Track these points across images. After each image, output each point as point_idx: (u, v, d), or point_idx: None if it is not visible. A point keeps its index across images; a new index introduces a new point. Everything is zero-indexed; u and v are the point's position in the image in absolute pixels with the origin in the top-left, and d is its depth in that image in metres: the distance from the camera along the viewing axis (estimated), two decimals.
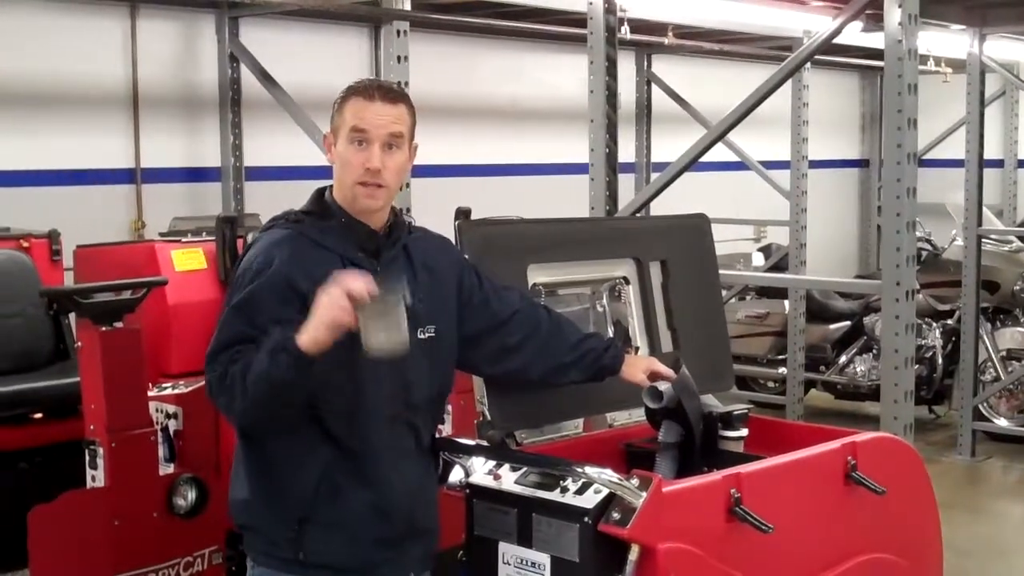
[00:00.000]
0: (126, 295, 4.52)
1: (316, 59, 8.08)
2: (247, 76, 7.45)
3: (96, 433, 4.25)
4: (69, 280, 5.51)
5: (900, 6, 4.89)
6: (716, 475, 3.08)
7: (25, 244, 5.38)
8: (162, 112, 7.42)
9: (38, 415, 4.81)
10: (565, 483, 2.98)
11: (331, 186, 3.15)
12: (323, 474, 2.99)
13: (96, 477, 4.27)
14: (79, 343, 4.37)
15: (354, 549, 3.01)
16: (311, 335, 2.79)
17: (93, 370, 4.28)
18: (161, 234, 6.04)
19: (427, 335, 3.12)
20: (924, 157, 9.68)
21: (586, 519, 2.89)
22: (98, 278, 4.91)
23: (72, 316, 4.84)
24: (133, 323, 4.46)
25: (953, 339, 8.71)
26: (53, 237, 5.49)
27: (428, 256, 3.21)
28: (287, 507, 3.01)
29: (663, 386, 3.34)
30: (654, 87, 10.38)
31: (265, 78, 7.09)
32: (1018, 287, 8.77)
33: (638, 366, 3.44)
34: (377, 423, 3.02)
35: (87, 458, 4.28)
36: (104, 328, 4.28)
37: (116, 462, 4.22)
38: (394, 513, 3.03)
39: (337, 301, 2.76)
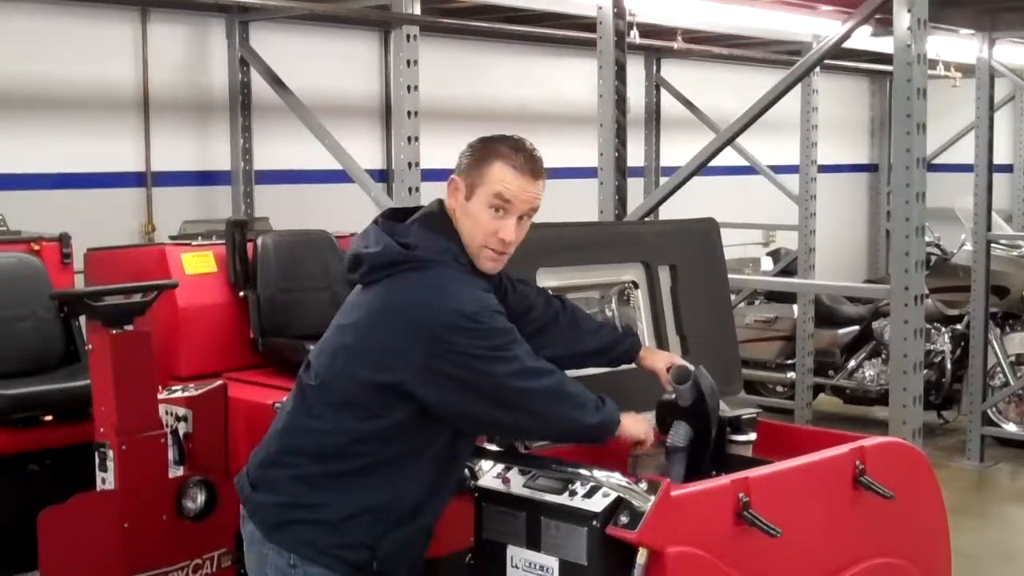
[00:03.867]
0: (136, 298, 4.54)
1: (326, 63, 8.11)
2: (257, 80, 7.47)
3: (106, 436, 4.27)
4: (79, 283, 5.53)
5: (909, 11, 4.89)
6: (724, 479, 3.09)
7: (36, 247, 5.39)
8: (172, 116, 7.43)
9: (48, 418, 4.82)
10: (574, 487, 2.98)
11: (440, 221, 3.10)
12: (425, 493, 3.03)
13: (106, 479, 4.29)
14: (89, 346, 4.39)
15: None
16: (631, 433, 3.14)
17: (103, 373, 4.30)
18: (171, 237, 6.07)
19: None
20: (933, 162, 9.67)
21: (594, 523, 2.89)
22: (108, 281, 4.94)
23: (83, 319, 4.86)
24: (143, 326, 4.48)
25: (962, 344, 8.69)
26: (64, 240, 5.50)
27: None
28: (386, 516, 2.99)
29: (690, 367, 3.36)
30: (663, 91, 10.39)
31: (275, 82, 7.11)
32: None
33: (658, 356, 3.50)
34: (457, 468, 3.15)
35: (97, 460, 4.31)
36: (114, 331, 4.30)
37: (126, 465, 4.24)
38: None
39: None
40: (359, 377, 2.94)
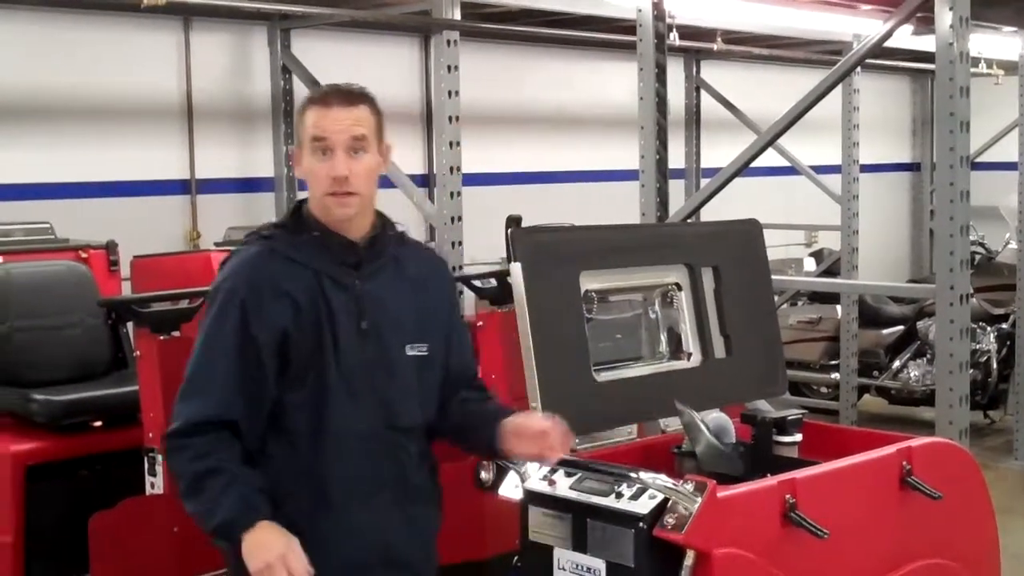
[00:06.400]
0: (183, 304, 4.57)
1: (367, 69, 8.11)
2: (299, 87, 7.52)
3: (155, 441, 4.30)
4: (126, 290, 5.58)
5: (951, 9, 4.87)
6: (771, 480, 3.09)
7: (84, 255, 5.44)
8: (216, 123, 7.50)
9: (98, 423, 4.85)
10: (620, 488, 2.98)
11: (292, 208, 3.08)
12: (295, 495, 2.91)
13: (155, 484, 4.33)
14: (137, 352, 4.42)
15: (323, 572, 2.86)
16: (251, 557, 2.74)
17: (151, 379, 4.33)
18: (216, 244, 6.13)
19: (418, 352, 3.01)
20: (977, 160, 9.58)
21: (641, 524, 2.90)
22: (155, 288, 4.98)
23: (130, 325, 4.90)
24: (190, 332, 4.51)
25: (1008, 343, 8.62)
26: (111, 248, 5.55)
27: (422, 272, 3.11)
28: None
29: None
30: (703, 93, 10.37)
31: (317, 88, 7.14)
32: None
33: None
34: (347, 444, 2.92)
35: (146, 465, 4.34)
36: (162, 337, 4.33)
37: None
38: (360, 541, 2.94)
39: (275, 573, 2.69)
40: None
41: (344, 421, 2.91)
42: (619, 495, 2.97)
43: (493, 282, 5.34)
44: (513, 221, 6.09)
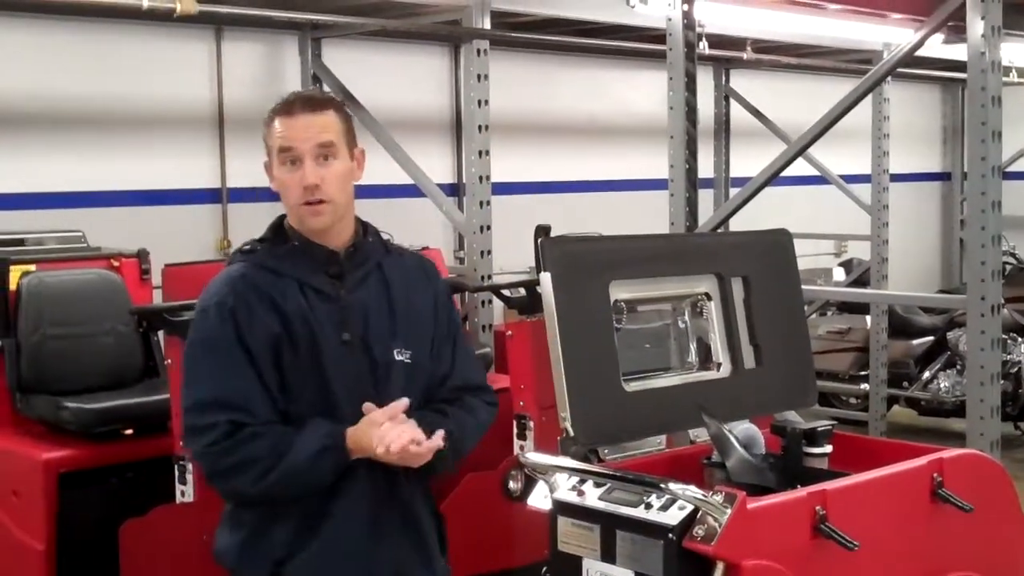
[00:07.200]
0: None
1: (397, 78, 8.17)
2: None
3: (185, 449, 4.32)
4: (158, 298, 5.61)
5: (983, 18, 4.85)
6: (801, 492, 3.08)
7: (115, 263, 5.47)
8: (247, 132, 7.51)
9: (129, 431, 4.89)
10: (649, 499, 2.97)
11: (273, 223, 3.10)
12: (302, 514, 2.95)
13: (185, 492, 4.34)
14: (168, 360, 4.44)
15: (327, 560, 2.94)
16: (362, 449, 2.83)
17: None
18: None
19: (405, 358, 3.02)
20: (1008, 170, 9.54)
21: (671, 535, 2.88)
22: (186, 296, 4.98)
23: (161, 334, 4.93)
24: None
25: None
26: (142, 256, 5.58)
27: (408, 279, 3.11)
28: (266, 550, 2.97)
29: None
30: (733, 102, 10.35)
31: (347, 97, 7.18)
32: None
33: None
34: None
35: (176, 473, 4.36)
36: None
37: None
38: (357, 556, 2.98)
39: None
40: None
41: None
42: (648, 506, 2.96)
43: (522, 291, 5.34)
44: (542, 230, 6.08)
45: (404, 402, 2.91)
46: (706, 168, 9.66)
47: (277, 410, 2.93)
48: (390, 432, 2.82)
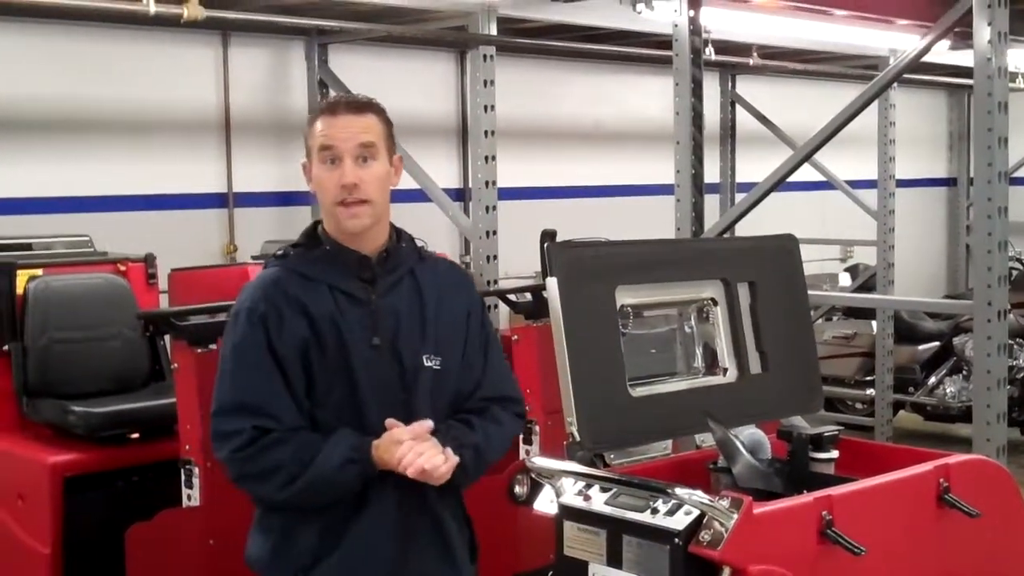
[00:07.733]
0: (220, 318, 4.59)
1: (404, 84, 8.18)
2: None
3: (191, 453, 4.33)
4: (164, 303, 5.62)
5: (989, 24, 4.85)
6: (807, 497, 3.07)
7: (122, 268, 5.48)
8: (253, 137, 7.55)
9: (135, 435, 4.90)
10: (655, 504, 2.97)
11: (308, 228, 3.12)
12: (329, 520, 2.95)
13: (192, 496, 4.35)
14: (175, 365, 4.45)
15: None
16: (385, 464, 2.84)
17: (188, 391, 4.36)
18: (253, 257, 6.16)
19: (434, 365, 3.02)
20: (1014, 175, 9.53)
21: (677, 540, 2.88)
22: (192, 301, 5.01)
23: (168, 338, 4.93)
24: None
25: None
26: (149, 261, 5.59)
27: (441, 287, 3.10)
28: (294, 556, 2.97)
29: None
30: (739, 107, 10.35)
31: None
32: None
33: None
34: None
35: (183, 477, 4.36)
36: (199, 350, 4.35)
37: (211, 481, 4.28)
38: (382, 563, 2.98)
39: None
40: None
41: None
42: (654, 511, 2.96)
43: (528, 296, 5.35)
44: (548, 235, 6.09)
45: (428, 424, 2.93)
46: (712, 173, 9.63)
47: (305, 415, 2.94)
48: (408, 454, 2.84)
